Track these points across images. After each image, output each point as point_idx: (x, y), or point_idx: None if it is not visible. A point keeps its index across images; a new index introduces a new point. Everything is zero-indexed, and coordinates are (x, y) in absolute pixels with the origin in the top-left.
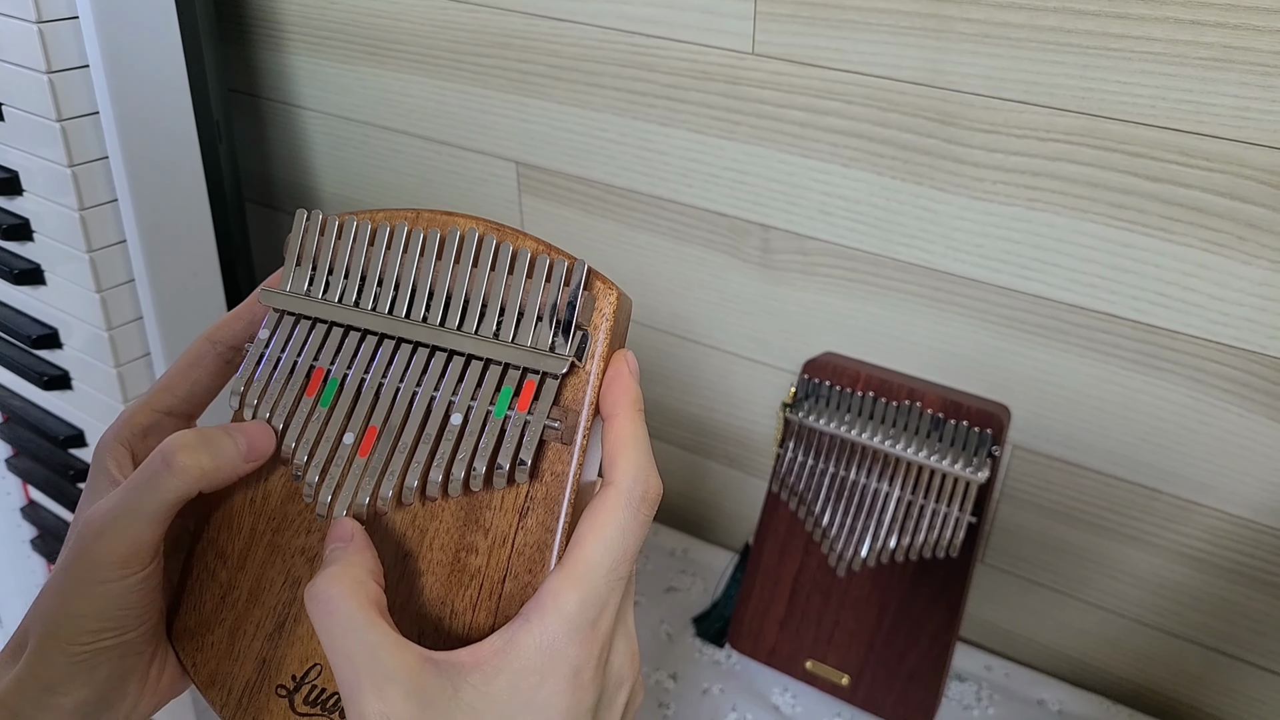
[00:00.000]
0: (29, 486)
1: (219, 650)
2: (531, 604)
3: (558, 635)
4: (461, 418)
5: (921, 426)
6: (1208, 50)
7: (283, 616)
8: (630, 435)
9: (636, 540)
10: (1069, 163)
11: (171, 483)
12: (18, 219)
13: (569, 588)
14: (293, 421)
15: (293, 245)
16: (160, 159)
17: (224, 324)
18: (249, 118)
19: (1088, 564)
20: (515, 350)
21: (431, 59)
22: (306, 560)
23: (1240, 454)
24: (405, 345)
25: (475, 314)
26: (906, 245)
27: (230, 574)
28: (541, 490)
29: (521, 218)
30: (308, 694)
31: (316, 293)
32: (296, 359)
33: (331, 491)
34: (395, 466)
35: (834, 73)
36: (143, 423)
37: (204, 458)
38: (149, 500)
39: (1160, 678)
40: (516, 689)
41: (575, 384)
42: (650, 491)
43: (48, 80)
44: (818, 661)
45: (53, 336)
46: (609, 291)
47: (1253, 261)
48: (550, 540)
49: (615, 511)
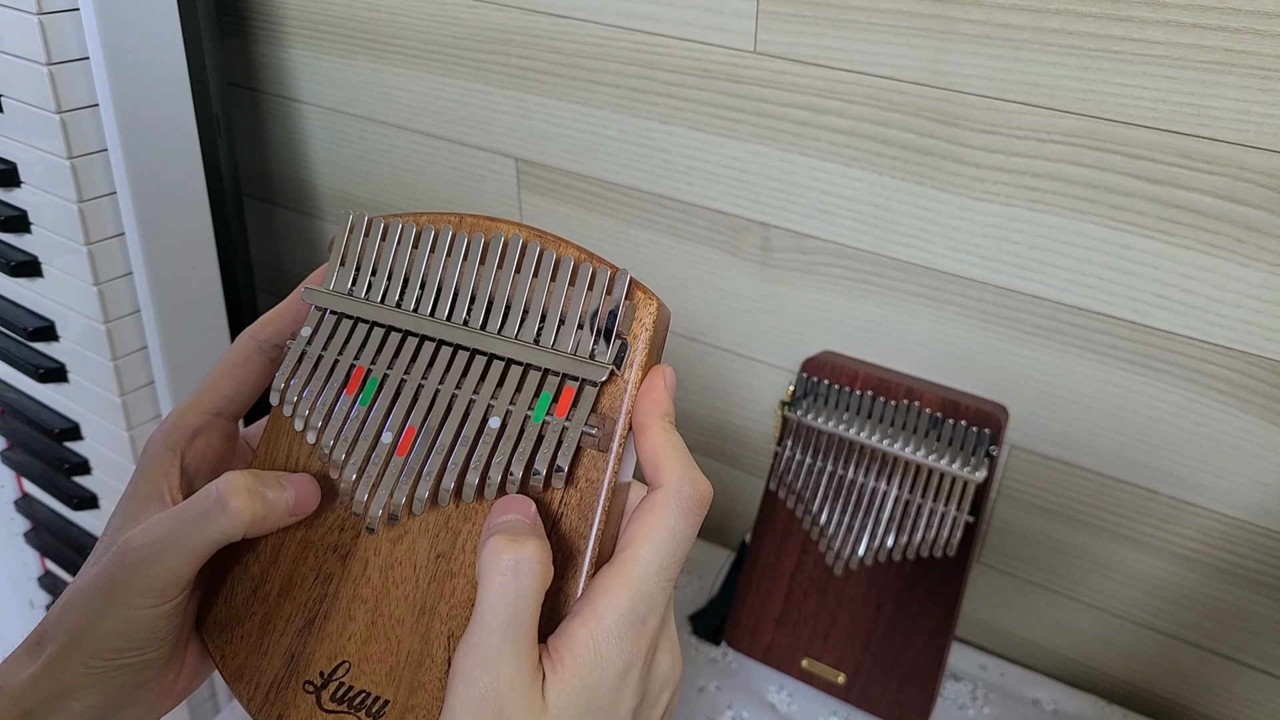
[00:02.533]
0: (23, 480)
1: (248, 644)
2: (584, 601)
3: (610, 631)
4: (500, 421)
5: (920, 426)
6: (1209, 53)
7: (313, 612)
8: (668, 441)
9: (686, 542)
10: (1069, 164)
11: (222, 524)
12: (15, 211)
13: (621, 586)
14: (332, 419)
15: (338, 245)
16: (159, 152)
17: (267, 321)
18: (248, 112)
19: (1083, 564)
20: (555, 356)
21: (431, 54)
22: (339, 557)
23: (1235, 455)
24: (445, 348)
25: (516, 319)
26: (906, 245)
27: (262, 568)
28: (576, 496)
29: (520, 214)
30: (335, 690)
31: (359, 293)
32: (338, 357)
33: (369, 490)
34: (432, 468)
35: (836, 72)
36: (192, 425)
37: (258, 505)
38: (195, 536)
39: (1154, 677)
40: (585, 685)
41: (613, 392)
42: (699, 492)
43: (47, 72)
44: (814, 660)
45: (49, 329)
46: (649, 302)
47: (1251, 264)
48: (584, 546)
49: (665, 513)
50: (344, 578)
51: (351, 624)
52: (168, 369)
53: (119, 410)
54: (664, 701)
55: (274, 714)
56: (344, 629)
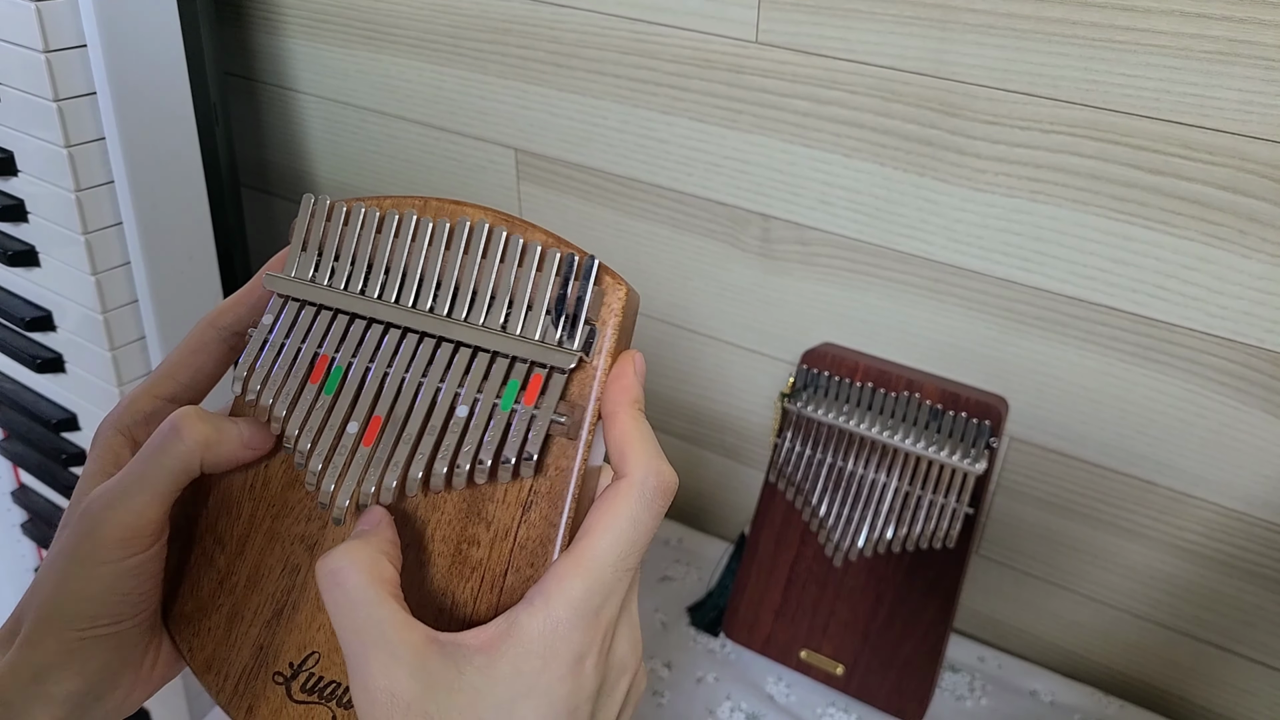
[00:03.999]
0: (20, 470)
1: (216, 636)
2: (536, 589)
3: (561, 621)
4: (468, 410)
5: (920, 417)
6: (1213, 44)
7: (281, 604)
8: (635, 430)
9: (648, 532)
10: (1072, 155)
11: (179, 449)
12: (13, 200)
13: (575, 575)
14: (296, 409)
15: (299, 230)
16: (157, 141)
17: (226, 308)
18: (245, 102)
19: (1081, 556)
20: (522, 343)
21: (430, 44)
22: (306, 548)
23: (1235, 447)
24: (411, 335)
25: (483, 306)
26: (907, 236)
27: (228, 560)
28: (545, 485)
29: (520, 205)
30: (305, 681)
31: (322, 279)
32: (300, 346)
33: (335, 481)
34: (399, 457)
35: (838, 62)
36: (144, 409)
37: (209, 428)
38: (155, 471)
39: (1152, 669)
40: (519, 672)
41: (582, 379)
42: (664, 483)
43: (45, 59)
44: (812, 651)
45: (46, 319)
46: (618, 287)
47: (1253, 255)
48: (553, 534)
49: (628, 503)
50: (312, 568)
51: (321, 615)
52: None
53: (116, 400)
54: (623, 686)
55: (244, 705)
56: (313, 619)
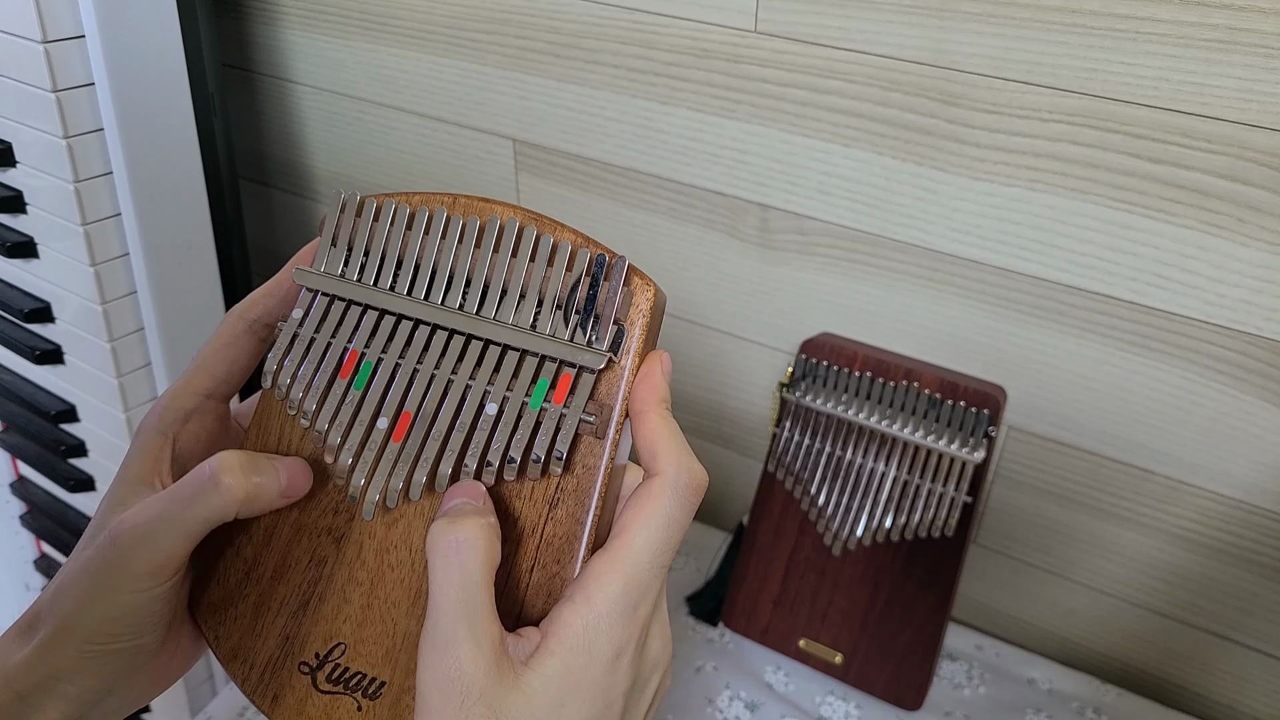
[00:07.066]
0: (19, 462)
1: (242, 625)
2: (576, 586)
3: (601, 616)
4: (497, 407)
5: (918, 407)
6: (1212, 32)
7: (308, 595)
8: (665, 429)
9: (681, 530)
10: (1071, 144)
11: (215, 501)
12: (11, 191)
13: (614, 572)
14: (326, 404)
15: (329, 225)
16: (156, 132)
17: (256, 300)
18: (243, 93)
19: (1079, 544)
20: (552, 342)
21: (428, 34)
22: (333, 540)
23: (1233, 435)
24: (441, 332)
25: (512, 304)
26: (906, 226)
27: (255, 551)
28: (573, 483)
29: (518, 196)
30: (331, 672)
31: (352, 274)
32: (330, 341)
33: (364, 475)
34: (429, 454)
35: (837, 52)
36: (185, 407)
37: (250, 483)
38: (188, 515)
39: (1149, 657)
40: (568, 669)
41: (610, 379)
42: (696, 481)
43: (43, 50)
44: (811, 640)
45: (45, 310)
46: (646, 288)
47: (1252, 244)
48: (579, 532)
49: (662, 501)
50: (339, 560)
51: (347, 606)
52: (164, 350)
53: (115, 392)
54: (654, 683)
55: (269, 694)
56: (339, 611)
